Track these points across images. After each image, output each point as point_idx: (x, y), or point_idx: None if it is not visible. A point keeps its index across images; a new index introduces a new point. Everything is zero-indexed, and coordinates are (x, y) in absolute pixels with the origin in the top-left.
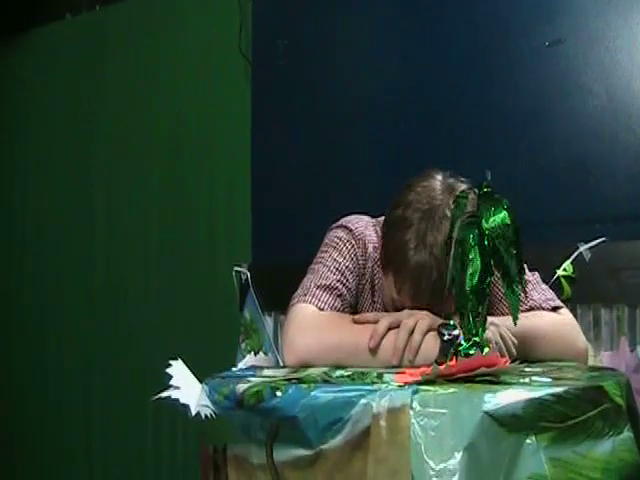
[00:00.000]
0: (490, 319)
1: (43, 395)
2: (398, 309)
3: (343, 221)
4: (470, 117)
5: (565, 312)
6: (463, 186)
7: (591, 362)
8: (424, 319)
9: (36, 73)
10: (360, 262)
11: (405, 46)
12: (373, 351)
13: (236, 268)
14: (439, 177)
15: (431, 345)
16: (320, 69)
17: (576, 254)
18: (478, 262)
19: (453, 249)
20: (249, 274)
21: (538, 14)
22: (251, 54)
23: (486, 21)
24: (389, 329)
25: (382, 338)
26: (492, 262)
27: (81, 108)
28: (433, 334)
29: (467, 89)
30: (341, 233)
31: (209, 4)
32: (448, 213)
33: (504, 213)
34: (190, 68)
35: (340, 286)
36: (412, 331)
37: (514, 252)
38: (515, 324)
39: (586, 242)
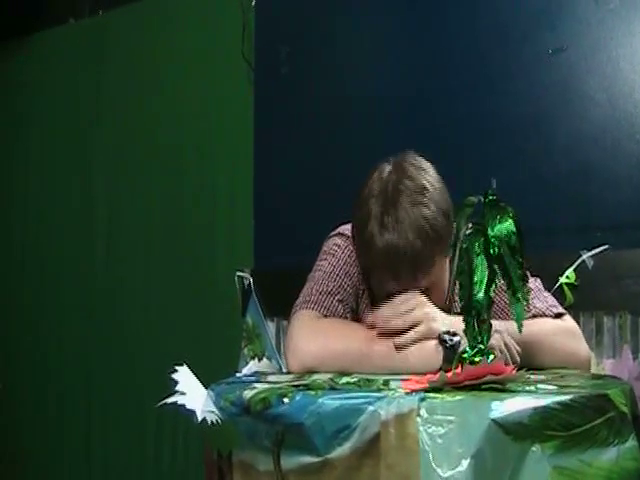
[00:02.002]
0: (494, 325)
1: (42, 402)
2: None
3: (340, 229)
4: (472, 125)
5: (568, 319)
6: (417, 158)
7: (594, 370)
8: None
9: (39, 77)
10: (358, 268)
11: (407, 53)
12: (376, 358)
13: (238, 273)
14: (387, 163)
15: (433, 352)
16: (322, 76)
17: (579, 262)
18: (484, 269)
19: (458, 257)
20: (251, 279)
21: (541, 22)
22: (254, 60)
23: (488, 29)
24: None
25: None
26: (497, 270)
27: (83, 112)
28: (434, 342)
29: (469, 97)
30: (338, 240)
31: (212, 10)
32: (401, 186)
33: (509, 221)
34: (192, 73)
35: (341, 291)
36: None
37: (519, 260)
38: (520, 331)
39: (589, 250)
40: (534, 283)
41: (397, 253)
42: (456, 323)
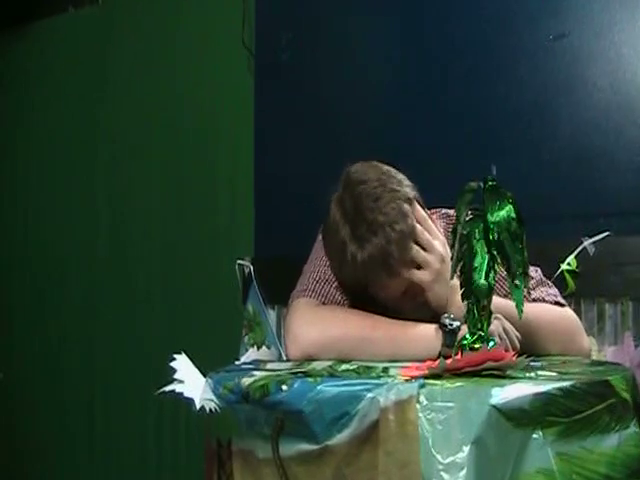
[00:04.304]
0: (494, 308)
1: (44, 391)
2: (399, 298)
3: None
4: (474, 111)
5: (569, 311)
6: (354, 168)
7: (595, 357)
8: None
9: (39, 65)
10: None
11: (410, 40)
12: (376, 344)
13: (239, 262)
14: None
15: (433, 337)
16: (324, 63)
17: (580, 248)
18: (483, 256)
19: (458, 243)
20: (252, 267)
21: (543, 8)
22: (254, 47)
23: (491, 15)
24: None
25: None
26: (497, 256)
27: (83, 101)
28: (434, 326)
29: (471, 83)
30: None
31: None
32: (356, 195)
33: (509, 207)
34: (193, 60)
35: None
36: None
37: (519, 246)
38: (520, 318)
39: (590, 236)
40: (535, 273)
41: (385, 250)
42: None
